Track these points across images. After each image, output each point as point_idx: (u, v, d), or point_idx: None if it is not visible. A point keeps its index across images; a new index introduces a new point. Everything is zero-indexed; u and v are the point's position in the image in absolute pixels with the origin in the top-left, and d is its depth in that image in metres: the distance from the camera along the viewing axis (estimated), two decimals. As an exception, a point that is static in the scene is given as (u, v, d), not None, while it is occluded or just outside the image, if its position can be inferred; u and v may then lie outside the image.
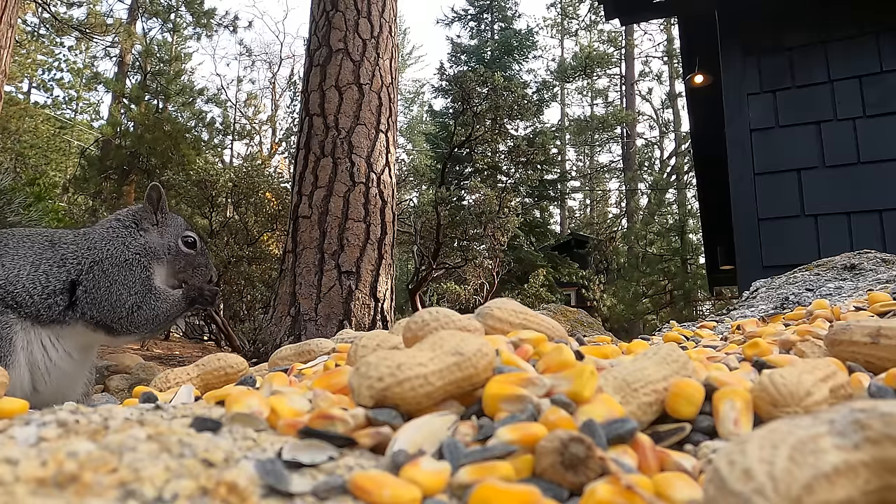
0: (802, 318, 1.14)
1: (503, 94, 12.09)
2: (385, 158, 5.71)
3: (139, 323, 1.70)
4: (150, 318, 1.72)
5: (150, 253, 1.81)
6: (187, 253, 1.89)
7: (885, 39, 4.06)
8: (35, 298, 1.62)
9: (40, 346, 1.65)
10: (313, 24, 6.03)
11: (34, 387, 1.64)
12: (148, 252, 1.80)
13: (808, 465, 0.35)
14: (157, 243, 1.84)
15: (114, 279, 1.71)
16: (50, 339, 1.67)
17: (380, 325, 5.20)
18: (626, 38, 28.36)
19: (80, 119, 26.65)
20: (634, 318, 17.31)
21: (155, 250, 1.83)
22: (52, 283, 1.65)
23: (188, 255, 1.89)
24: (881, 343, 0.69)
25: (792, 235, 4.07)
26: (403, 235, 12.22)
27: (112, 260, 1.74)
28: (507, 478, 0.42)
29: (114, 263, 1.73)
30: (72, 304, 1.66)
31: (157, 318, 1.73)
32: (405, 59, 37.14)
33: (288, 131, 27.30)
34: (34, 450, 0.39)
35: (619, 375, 0.57)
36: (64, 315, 1.65)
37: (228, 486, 0.39)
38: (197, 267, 1.91)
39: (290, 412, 0.53)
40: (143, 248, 1.81)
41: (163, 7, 22.86)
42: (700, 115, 6.82)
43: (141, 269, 1.76)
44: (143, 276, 1.75)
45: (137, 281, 1.73)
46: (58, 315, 1.64)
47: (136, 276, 1.74)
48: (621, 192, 28.50)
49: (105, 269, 1.72)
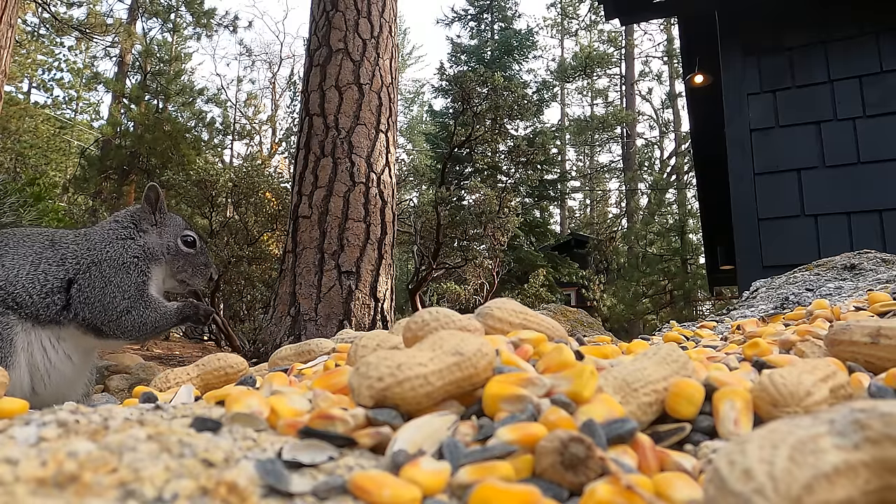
0: (802, 318, 1.14)
1: (503, 94, 12.09)
2: (385, 158, 5.71)
3: (126, 328, 1.70)
4: (137, 325, 1.71)
5: (148, 255, 1.80)
6: (187, 252, 1.88)
7: (885, 39, 4.06)
8: (34, 298, 1.62)
9: (41, 347, 1.65)
10: (313, 24, 6.03)
11: (33, 388, 1.64)
12: (147, 254, 1.80)
13: (808, 465, 0.35)
14: (156, 244, 1.84)
15: (109, 280, 1.71)
16: (50, 341, 1.67)
17: (380, 325, 5.20)
18: (626, 38, 28.36)
19: (80, 119, 26.65)
20: (634, 318, 17.31)
21: (154, 251, 1.82)
22: (51, 281, 1.65)
23: (188, 254, 1.88)
24: (881, 343, 0.69)
25: (792, 235, 4.07)
26: (403, 235, 12.22)
27: (110, 262, 1.74)
28: (507, 478, 0.42)
29: (111, 265, 1.73)
30: (68, 303, 1.66)
31: (145, 326, 1.72)
32: (405, 59, 37.13)
33: (288, 131, 27.31)
34: (34, 450, 0.39)
35: (619, 375, 0.57)
36: (60, 315, 1.65)
37: (228, 486, 0.39)
38: (197, 266, 1.90)
39: (290, 412, 0.53)
40: (142, 250, 1.80)
41: (163, 7, 22.86)
42: (700, 115, 6.82)
43: (138, 273, 1.75)
44: (138, 281, 1.74)
45: (132, 285, 1.73)
46: (55, 315, 1.64)
47: (131, 280, 1.73)
48: (621, 192, 28.51)
49: (102, 271, 1.71)
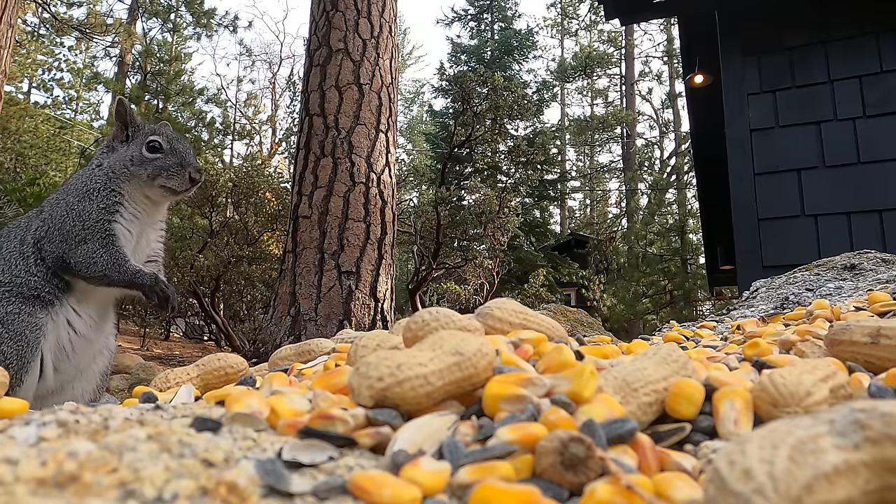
0: (802, 318, 1.14)
1: (503, 94, 12.09)
2: (385, 158, 5.71)
3: (79, 259, 1.61)
4: (88, 260, 1.61)
5: (113, 176, 1.72)
6: (153, 158, 1.76)
7: (885, 39, 4.06)
8: (39, 279, 1.62)
9: (66, 325, 1.64)
10: (313, 24, 6.03)
11: (55, 367, 1.64)
12: (111, 176, 1.72)
13: (809, 465, 0.35)
14: (120, 159, 1.75)
15: (71, 208, 1.64)
16: (74, 310, 1.65)
17: (380, 325, 5.20)
18: (626, 38, 28.36)
19: (80, 119, 26.64)
20: (634, 318, 17.31)
21: (117, 168, 1.73)
22: (36, 252, 1.63)
23: (155, 159, 1.76)
24: (881, 343, 0.69)
25: (792, 235, 4.07)
26: (403, 235, 12.22)
27: (74, 191, 1.68)
28: (507, 478, 0.42)
29: (75, 194, 1.67)
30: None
31: (95, 265, 1.62)
32: (405, 59, 37.13)
33: (288, 131, 27.31)
34: (34, 450, 0.39)
35: (619, 375, 0.57)
36: (64, 276, 1.64)
37: (228, 486, 0.39)
38: (168, 169, 1.76)
39: (290, 412, 0.53)
40: (105, 172, 1.72)
41: (163, 7, 22.86)
42: (700, 115, 6.82)
43: (101, 199, 1.67)
44: (100, 208, 1.66)
45: (94, 213, 1.65)
46: (59, 283, 1.64)
47: (93, 208, 1.65)
48: (621, 192, 28.51)
49: (67, 200, 1.66)
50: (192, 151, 1.86)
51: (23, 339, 1.52)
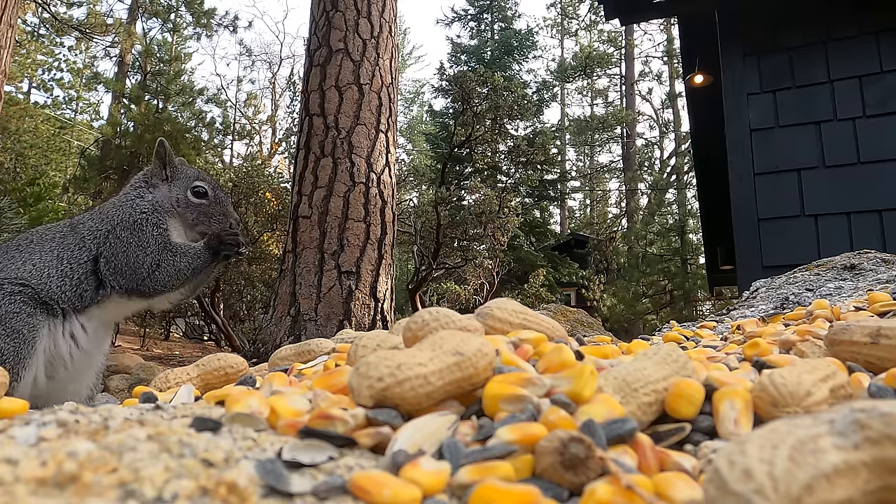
0: (802, 318, 1.14)
1: (503, 94, 12.09)
2: (385, 158, 5.71)
3: (163, 281, 1.69)
4: (172, 275, 1.70)
5: (158, 209, 1.78)
6: (199, 203, 1.85)
7: (885, 39, 4.06)
8: (68, 293, 1.63)
9: (69, 335, 1.65)
10: (313, 24, 6.02)
11: (51, 375, 1.64)
12: (157, 209, 1.78)
13: (808, 465, 0.35)
14: (165, 198, 1.81)
15: (128, 242, 1.70)
16: (81, 325, 1.67)
17: (380, 325, 5.20)
18: (626, 38, 28.35)
19: (80, 119, 26.65)
20: (634, 318, 17.31)
21: (163, 205, 1.80)
22: (77, 270, 1.65)
23: (199, 205, 1.85)
24: (881, 343, 0.69)
25: (792, 235, 4.07)
26: (403, 235, 12.22)
27: (123, 224, 1.72)
28: (507, 478, 0.42)
29: (125, 227, 1.72)
30: (100, 282, 1.67)
31: (181, 273, 1.71)
32: (405, 59, 37.12)
33: (288, 131, 27.28)
34: (34, 450, 0.39)
35: (619, 375, 0.57)
36: (96, 295, 1.66)
37: (228, 486, 0.39)
38: (212, 216, 1.86)
39: (290, 412, 0.53)
40: (152, 205, 1.78)
41: (163, 7, 22.84)
42: (700, 115, 6.82)
43: (152, 227, 1.74)
44: (155, 234, 1.73)
45: (151, 240, 1.72)
46: (90, 300, 1.65)
47: (148, 236, 1.72)
48: (621, 192, 28.50)
49: (119, 235, 1.71)
50: (230, 201, 1.96)
51: (20, 336, 1.52)
